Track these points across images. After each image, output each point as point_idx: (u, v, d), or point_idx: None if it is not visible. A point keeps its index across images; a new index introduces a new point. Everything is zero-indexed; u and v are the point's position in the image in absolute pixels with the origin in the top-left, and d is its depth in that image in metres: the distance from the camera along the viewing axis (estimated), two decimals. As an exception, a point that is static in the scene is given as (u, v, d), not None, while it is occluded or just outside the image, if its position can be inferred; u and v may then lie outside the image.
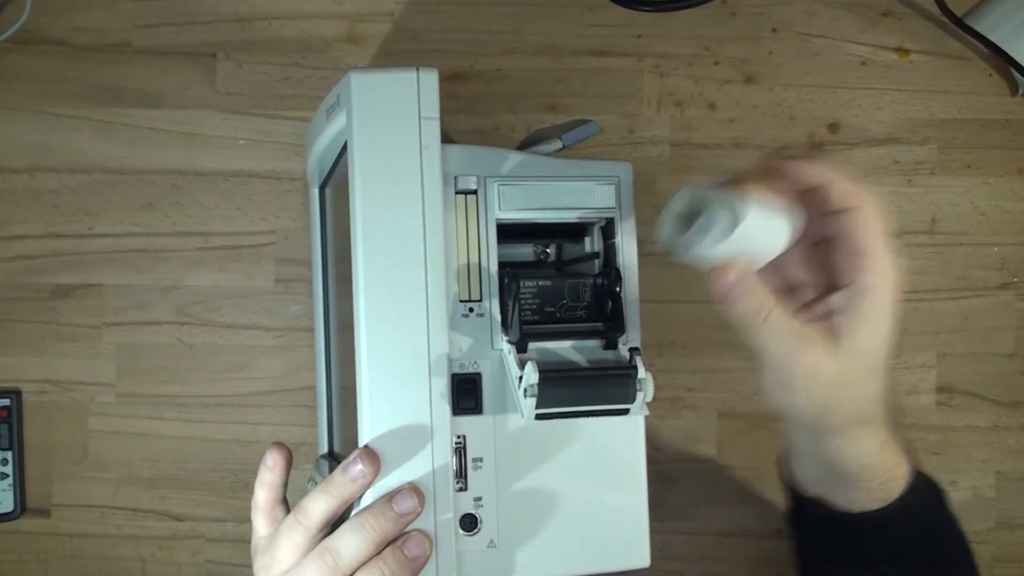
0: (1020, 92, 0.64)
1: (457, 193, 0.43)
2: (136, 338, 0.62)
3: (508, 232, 0.45)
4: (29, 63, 0.62)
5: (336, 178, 0.52)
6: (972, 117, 0.64)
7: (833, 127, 0.64)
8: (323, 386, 0.57)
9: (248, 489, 0.50)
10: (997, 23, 0.62)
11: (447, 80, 0.62)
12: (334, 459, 0.54)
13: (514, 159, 0.45)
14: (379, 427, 0.40)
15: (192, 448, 0.62)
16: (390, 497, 0.41)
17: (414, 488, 0.41)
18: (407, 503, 0.41)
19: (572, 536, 0.44)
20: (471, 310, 0.43)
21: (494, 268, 0.44)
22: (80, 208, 0.62)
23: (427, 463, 0.41)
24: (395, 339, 0.40)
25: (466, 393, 0.43)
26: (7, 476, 0.62)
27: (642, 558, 0.45)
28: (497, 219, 0.44)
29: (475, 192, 0.44)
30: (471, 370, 0.43)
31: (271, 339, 0.62)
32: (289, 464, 0.46)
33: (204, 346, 0.62)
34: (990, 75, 0.64)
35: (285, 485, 0.46)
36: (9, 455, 0.62)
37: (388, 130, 0.40)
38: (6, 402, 0.62)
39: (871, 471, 0.45)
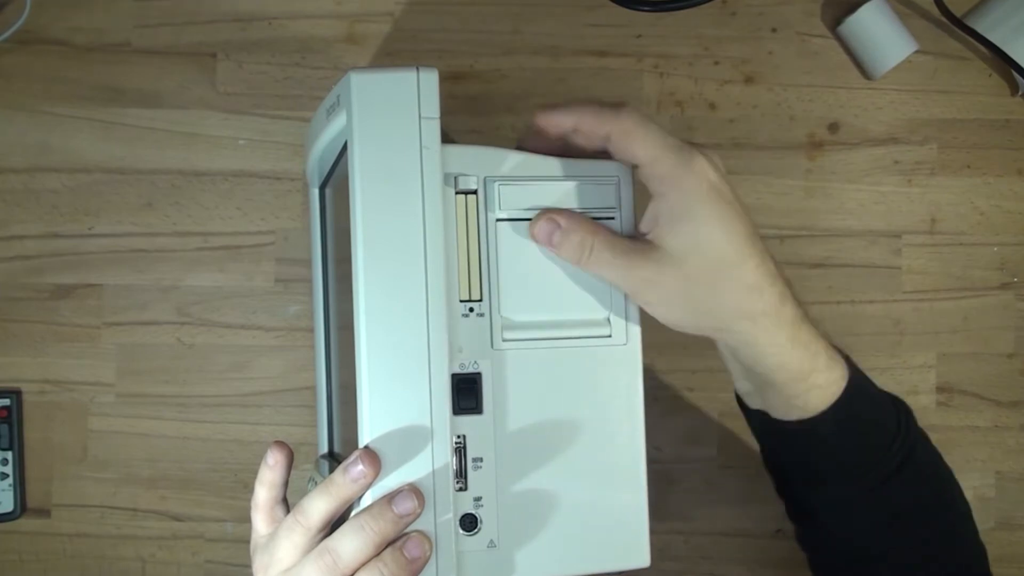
0: (1020, 92, 0.64)
1: (457, 193, 0.43)
2: (136, 338, 0.62)
3: None
4: (29, 63, 0.62)
5: (336, 178, 0.52)
6: (972, 117, 0.64)
7: (833, 127, 0.64)
8: (323, 386, 0.57)
9: (248, 489, 0.50)
10: (997, 23, 0.62)
11: (447, 80, 0.63)
12: (334, 459, 0.54)
13: (514, 159, 0.45)
14: (379, 427, 0.40)
15: (192, 448, 0.62)
16: (389, 498, 0.41)
17: (413, 489, 0.41)
18: (406, 504, 0.41)
19: (572, 536, 0.44)
20: (471, 310, 0.43)
21: (494, 268, 0.44)
22: (80, 208, 0.62)
23: (427, 463, 0.41)
24: (395, 339, 0.40)
25: (466, 393, 0.43)
26: (7, 476, 0.62)
27: (642, 558, 0.45)
28: (497, 219, 0.44)
29: (475, 192, 0.44)
30: (471, 370, 0.43)
31: (271, 339, 0.62)
32: (290, 463, 0.46)
33: (204, 346, 0.62)
34: (990, 75, 0.64)
35: (286, 484, 0.46)
36: (9, 455, 0.62)
37: (388, 130, 0.40)
38: (6, 402, 0.62)
39: (786, 373, 0.44)
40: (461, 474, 0.43)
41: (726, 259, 0.42)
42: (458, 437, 0.43)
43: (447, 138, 0.42)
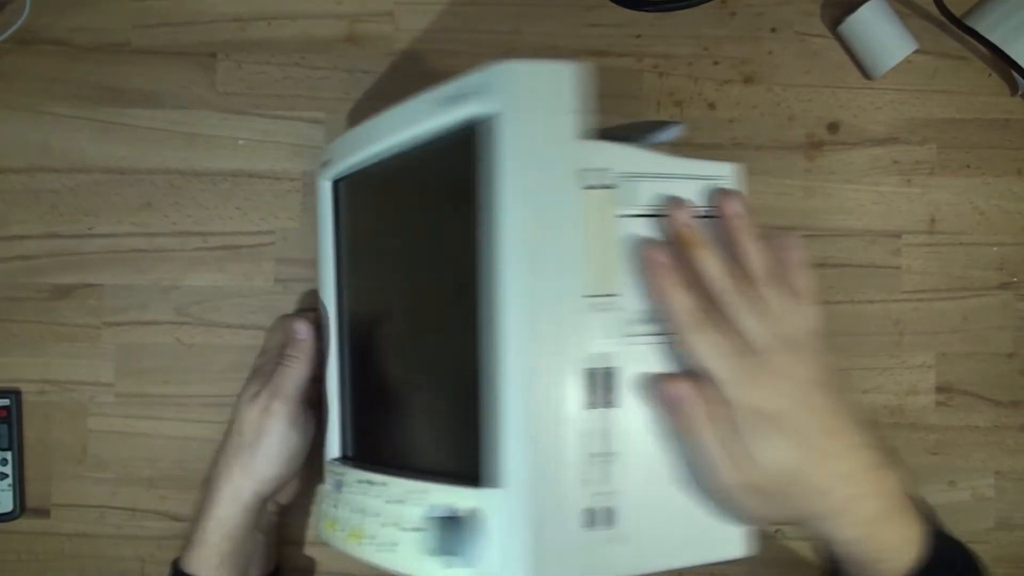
0: (1020, 92, 0.64)
1: (593, 188, 0.43)
2: (135, 338, 0.62)
3: None
4: (29, 63, 0.62)
5: (378, 170, 0.51)
6: (972, 117, 0.64)
7: (832, 127, 0.64)
8: (334, 388, 0.56)
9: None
10: (996, 23, 0.62)
11: (447, 80, 0.63)
12: (350, 462, 0.54)
13: (643, 156, 0.45)
14: (515, 422, 0.40)
15: (192, 448, 0.62)
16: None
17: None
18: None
19: (684, 528, 0.44)
20: (603, 304, 0.43)
21: (626, 261, 0.44)
22: (79, 208, 0.62)
23: (563, 457, 0.40)
24: (536, 333, 0.40)
25: (602, 386, 0.43)
26: (6, 476, 0.62)
27: (740, 548, 0.45)
28: (629, 215, 0.44)
29: (612, 187, 0.44)
30: (606, 364, 0.43)
31: (271, 339, 0.62)
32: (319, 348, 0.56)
33: (203, 346, 0.62)
34: (989, 75, 0.65)
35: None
36: (8, 455, 0.62)
37: (539, 120, 0.40)
38: (5, 402, 0.62)
39: (854, 564, 0.45)
40: (594, 467, 0.42)
41: (793, 471, 0.43)
42: (592, 430, 0.42)
43: (589, 133, 0.42)
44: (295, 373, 0.54)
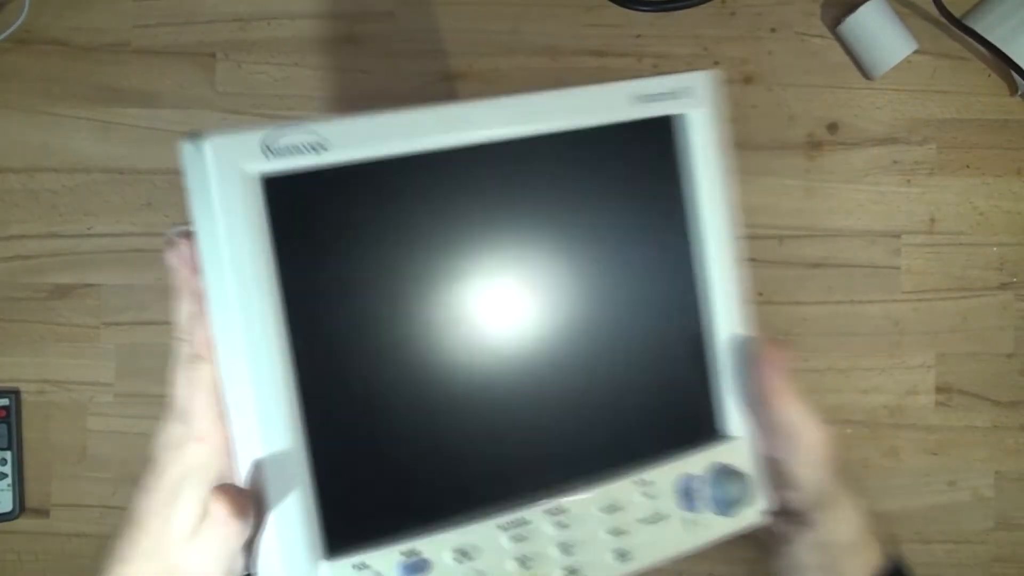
0: (1019, 92, 0.64)
1: None
2: (135, 338, 0.62)
3: None
4: (29, 63, 0.62)
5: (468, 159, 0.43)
6: (971, 117, 0.64)
7: (832, 127, 0.64)
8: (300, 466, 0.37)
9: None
10: (996, 23, 0.62)
11: (447, 80, 0.63)
12: (434, 527, 0.39)
13: None
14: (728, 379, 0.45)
15: (191, 448, 0.62)
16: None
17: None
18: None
19: None
20: None
21: None
22: (79, 208, 0.62)
23: None
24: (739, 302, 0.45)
25: None
26: (6, 476, 0.62)
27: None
28: None
29: None
30: None
31: (270, 339, 0.62)
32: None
33: (203, 346, 0.62)
34: (989, 75, 0.65)
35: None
36: (8, 455, 0.62)
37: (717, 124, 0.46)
38: (5, 402, 0.62)
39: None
40: None
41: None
42: None
43: None
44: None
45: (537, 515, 0.39)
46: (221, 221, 0.37)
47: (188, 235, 0.39)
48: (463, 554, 0.38)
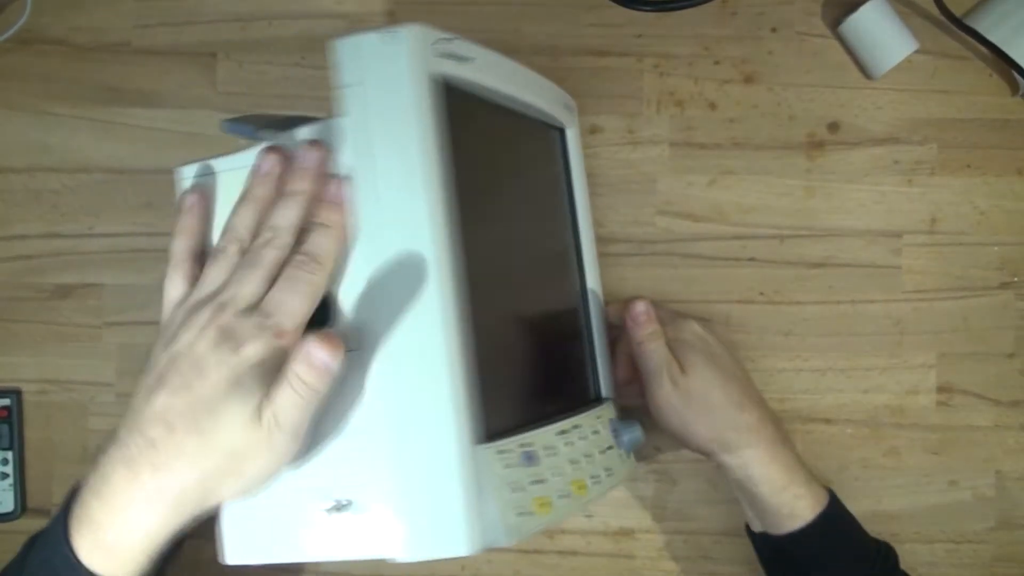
0: (1020, 92, 0.64)
1: None
2: (136, 338, 0.62)
3: None
4: (29, 63, 0.62)
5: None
6: (972, 117, 0.64)
7: (833, 127, 0.64)
8: (454, 360, 0.39)
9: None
10: (997, 23, 0.62)
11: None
12: (505, 434, 0.43)
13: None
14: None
15: (192, 448, 0.62)
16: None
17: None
18: (311, 156, 0.39)
19: None
20: None
21: None
22: (80, 208, 0.62)
23: None
24: None
25: None
26: (7, 476, 0.62)
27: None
28: None
29: None
30: None
31: (271, 339, 0.62)
32: (210, 209, 0.43)
33: (204, 346, 0.62)
34: (990, 75, 0.64)
35: (206, 236, 0.43)
36: (9, 455, 0.62)
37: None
38: (6, 402, 0.62)
39: (768, 485, 0.53)
40: None
41: (711, 404, 0.54)
42: None
43: None
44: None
45: (543, 437, 0.46)
46: (410, 102, 0.41)
47: (315, 144, 0.41)
48: (529, 458, 0.44)
